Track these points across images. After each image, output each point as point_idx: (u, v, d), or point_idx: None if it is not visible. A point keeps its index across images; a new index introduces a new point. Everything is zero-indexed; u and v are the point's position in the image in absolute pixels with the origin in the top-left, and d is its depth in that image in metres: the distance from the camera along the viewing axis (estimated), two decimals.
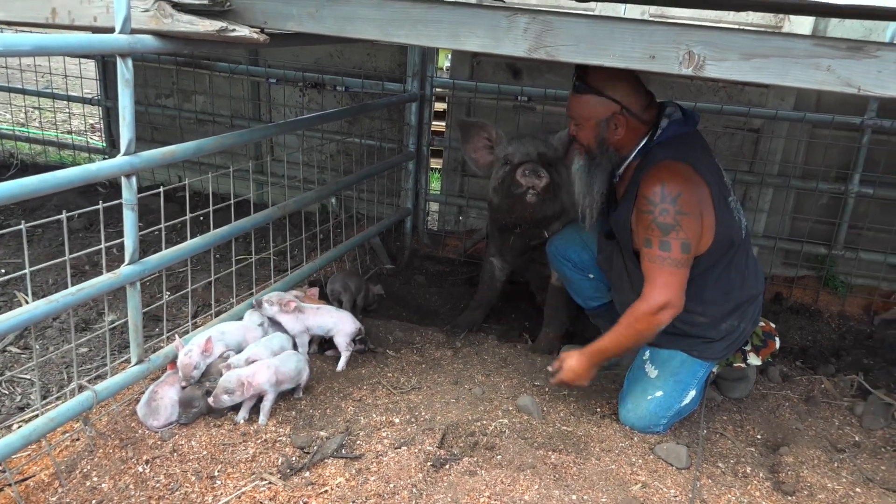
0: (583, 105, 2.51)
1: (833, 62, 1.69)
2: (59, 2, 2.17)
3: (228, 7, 2.11)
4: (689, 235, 2.35)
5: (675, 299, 2.41)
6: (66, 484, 2.07)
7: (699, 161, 2.43)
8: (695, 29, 1.78)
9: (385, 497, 2.06)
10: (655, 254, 2.40)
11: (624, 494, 2.23)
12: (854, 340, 3.75)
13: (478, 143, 3.27)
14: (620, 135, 2.50)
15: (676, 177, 2.35)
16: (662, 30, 1.79)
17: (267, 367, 2.39)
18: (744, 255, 2.65)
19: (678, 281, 2.40)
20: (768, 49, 1.72)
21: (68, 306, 2.00)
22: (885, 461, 2.66)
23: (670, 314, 2.42)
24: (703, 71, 1.78)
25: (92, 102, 5.35)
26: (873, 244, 3.96)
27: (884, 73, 1.67)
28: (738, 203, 2.63)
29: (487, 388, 2.80)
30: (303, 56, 4.60)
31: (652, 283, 2.43)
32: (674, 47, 1.79)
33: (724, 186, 2.53)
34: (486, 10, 1.92)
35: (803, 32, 3.67)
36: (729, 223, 2.50)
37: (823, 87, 1.72)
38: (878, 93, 1.69)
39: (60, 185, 1.91)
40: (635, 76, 2.48)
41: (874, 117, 3.65)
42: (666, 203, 2.32)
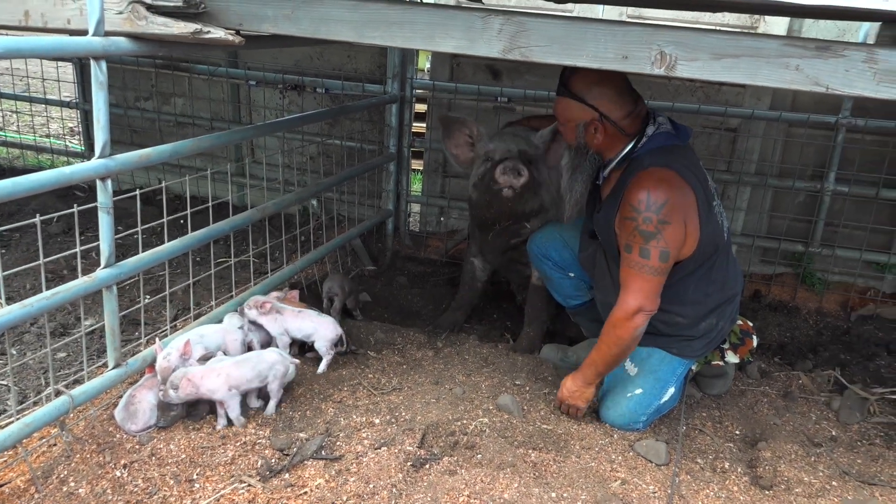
0: (563, 107, 2.55)
1: (802, 62, 1.72)
2: (32, 4, 2.16)
3: (203, 9, 2.10)
4: (669, 244, 2.37)
5: (647, 304, 2.44)
6: (43, 490, 2.05)
7: (685, 167, 2.45)
8: (666, 29, 1.80)
9: (365, 497, 2.06)
10: (634, 259, 2.42)
11: (603, 491, 2.25)
12: (831, 336, 3.80)
13: (459, 140, 3.28)
14: (599, 140, 2.52)
15: (662, 184, 2.37)
16: (635, 30, 1.81)
17: (217, 374, 2.34)
18: (725, 258, 2.68)
19: (653, 287, 2.43)
20: (738, 49, 1.75)
21: (43, 310, 1.99)
22: (860, 455, 2.70)
23: (644, 318, 2.45)
24: (675, 71, 1.80)
25: (70, 105, 5.30)
26: (849, 241, 4.01)
27: (851, 73, 1.69)
28: (721, 207, 2.66)
29: (468, 387, 2.81)
30: (283, 58, 4.59)
31: (626, 288, 2.46)
32: (646, 48, 1.81)
33: (710, 192, 2.55)
34: (461, 11, 1.93)
35: (778, 33, 3.72)
36: (713, 228, 2.53)
37: (793, 86, 1.74)
38: (846, 91, 1.72)
39: (34, 188, 1.89)
40: (622, 84, 2.49)
41: (848, 116, 3.70)
42: (650, 211, 2.34)
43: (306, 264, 3.46)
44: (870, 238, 3.92)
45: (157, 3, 2.05)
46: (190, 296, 2.80)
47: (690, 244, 2.47)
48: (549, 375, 3.05)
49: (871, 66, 1.67)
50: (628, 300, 2.44)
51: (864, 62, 1.67)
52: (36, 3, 2.14)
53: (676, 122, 2.57)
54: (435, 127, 4.44)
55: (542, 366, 3.11)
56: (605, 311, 2.86)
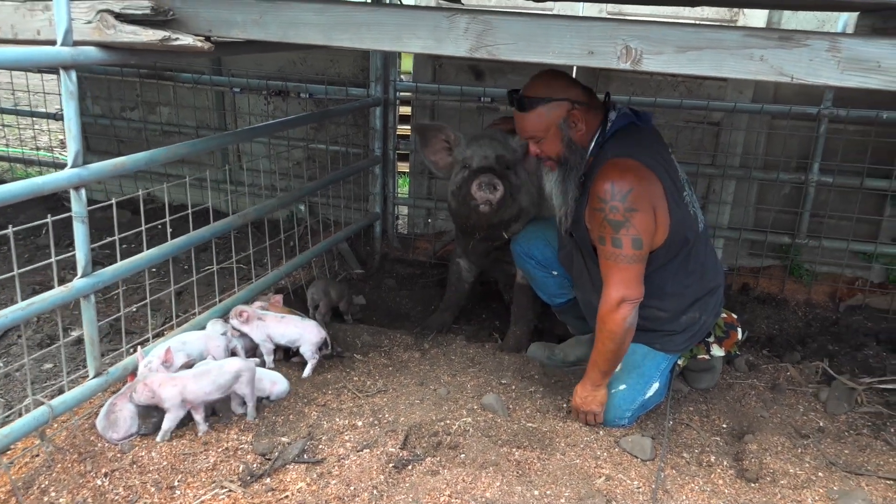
0: (537, 118, 2.50)
1: (766, 52, 1.72)
2: (2, 16, 2.16)
3: (172, 16, 2.10)
4: (639, 231, 2.37)
5: (630, 292, 2.43)
6: (24, 501, 2.05)
7: (650, 157, 2.46)
8: (631, 24, 1.80)
9: (345, 500, 2.06)
10: (609, 251, 2.43)
11: (587, 488, 2.25)
12: (820, 328, 3.80)
13: (436, 146, 3.27)
14: (582, 129, 2.52)
15: (626, 174, 2.37)
16: (599, 25, 1.81)
17: (174, 384, 2.31)
18: (702, 249, 2.68)
19: (632, 276, 2.42)
20: (702, 41, 1.75)
21: (17, 321, 1.99)
22: (847, 445, 2.70)
23: (629, 307, 2.44)
24: (641, 65, 1.80)
25: (56, 118, 5.30)
26: (835, 232, 4.01)
27: (815, 62, 1.70)
28: (693, 197, 2.66)
29: (453, 388, 2.81)
30: (266, 64, 4.59)
31: (607, 281, 2.46)
32: (611, 42, 1.81)
33: (678, 182, 2.55)
34: (427, 11, 1.93)
35: (757, 23, 3.72)
36: (683, 218, 2.53)
37: (758, 76, 1.74)
38: (811, 80, 1.72)
39: (6, 198, 1.90)
40: (567, 75, 2.53)
41: (830, 107, 3.71)
42: (615, 200, 2.34)
43: (292, 269, 3.46)
44: (856, 228, 3.92)
45: (126, 12, 2.05)
46: (172, 303, 2.80)
47: (661, 233, 2.47)
48: (536, 374, 3.05)
49: (834, 54, 1.68)
50: (610, 292, 2.44)
51: (828, 51, 1.68)
52: (5, 15, 2.15)
53: (638, 110, 2.60)
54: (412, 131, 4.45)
55: (528, 364, 3.11)
56: (587, 308, 2.87)
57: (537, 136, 2.52)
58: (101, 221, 3.22)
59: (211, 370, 2.36)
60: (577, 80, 2.59)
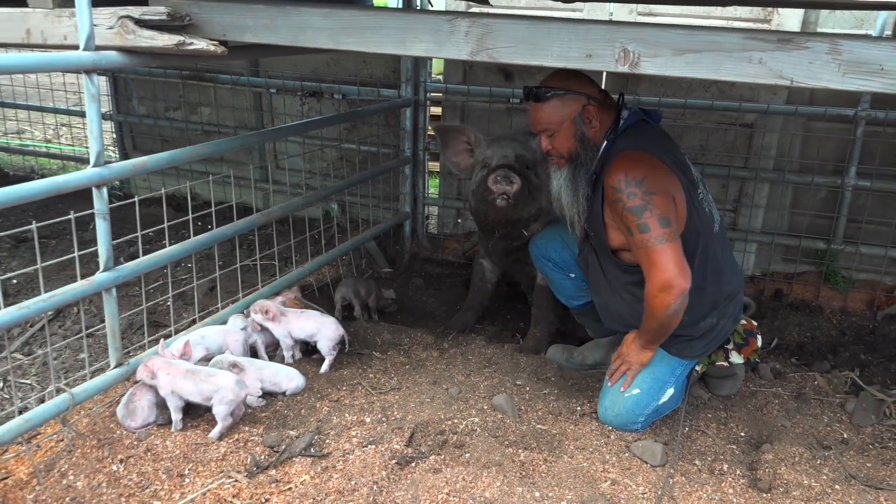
0: (553, 110, 2.52)
1: (764, 55, 1.69)
2: (32, 22, 2.28)
3: (189, 22, 2.18)
4: (663, 211, 2.33)
5: (672, 277, 2.34)
6: (44, 482, 2.16)
7: (662, 152, 2.45)
8: (628, 26, 1.79)
9: (345, 494, 2.11)
10: (637, 239, 2.38)
11: (591, 491, 2.24)
12: (854, 336, 3.68)
13: (458, 148, 3.30)
14: (596, 125, 2.52)
15: (638, 164, 2.37)
16: (597, 28, 1.81)
17: (167, 372, 2.37)
18: (719, 250, 2.64)
19: (670, 257, 2.34)
20: (699, 44, 1.73)
21: (40, 312, 2.09)
22: (871, 458, 2.62)
23: (676, 292, 2.36)
24: (639, 68, 1.79)
25: (105, 118, 5.50)
26: (874, 238, 3.88)
27: (815, 64, 1.66)
28: (708, 196, 2.62)
29: (466, 387, 2.83)
30: (301, 66, 4.69)
31: (647, 269, 2.41)
32: (609, 45, 1.80)
33: (692, 178, 2.53)
34: (429, 15, 1.96)
35: (792, 25, 3.63)
36: (698, 213, 2.50)
37: (757, 80, 1.72)
38: (812, 84, 1.68)
39: (29, 196, 2.00)
40: (584, 73, 2.50)
41: (868, 108, 3.59)
42: (632, 187, 2.33)
43: (317, 266, 3.54)
44: (895, 234, 3.78)
45: (145, 18, 2.14)
46: (195, 298, 2.89)
47: (680, 222, 2.43)
48: (553, 376, 3.05)
49: (834, 57, 1.64)
50: (652, 279, 2.39)
51: (828, 53, 1.64)
52: (36, 21, 2.26)
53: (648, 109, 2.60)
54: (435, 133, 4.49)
55: (545, 366, 3.11)
56: (603, 312, 2.85)
57: (551, 129, 2.53)
58: (146, 217, 3.35)
59: (200, 373, 2.39)
60: (594, 79, 2.58)
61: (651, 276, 2.38)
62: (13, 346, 3.29)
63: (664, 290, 2.35)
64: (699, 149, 4.03)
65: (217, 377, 2.38)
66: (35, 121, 6.11)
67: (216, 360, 2.62)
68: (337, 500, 2.08)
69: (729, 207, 4.12)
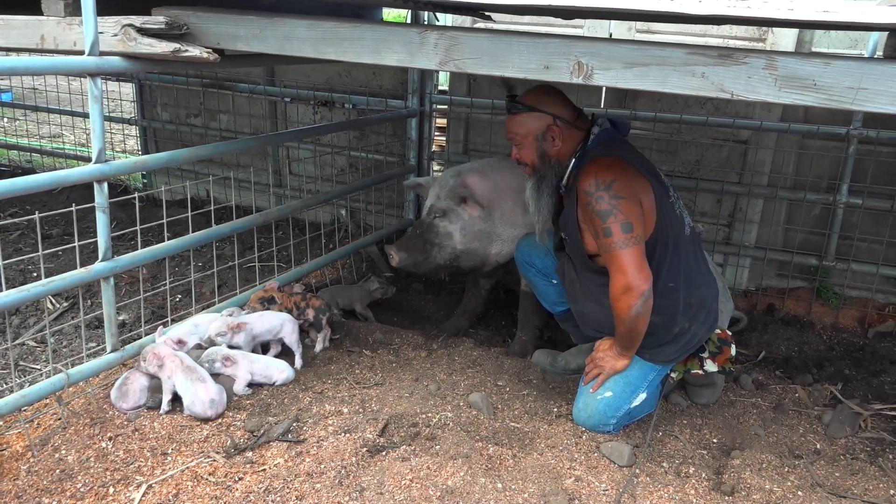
0: (520, 124, 2.68)
1: (706, 69, 1.79)
2: (46, 29, 2.47)
3: (186, 31, 2.35)
4: (628, 216, 2.43)
5: (632, 279, 2.44)
6: (38, 455, 2.32)
7: (632, 158, 2.57)
8: (582, 40, 1.91)
9: (314, 476, 2.23)
10: (603, 243, 2.50)
11: (553, 486, 2.33)
12: (842, 352, 3.71)
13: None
14: (558, 145, 2.65)
15: (610, 167, 2.48)
16: (554, 42, 1.92)
17: (173, 361, 2.56)
18: (690, 255, 2.72)
19: (631, 260, 2.44)
20: (647, 58, 1.84)
21: (39, 295, 2.26)
22: (839, 468, 2.66)
23: (634, 297, 2.46)
24: (592, 80, 1.90)
25: (131, 122, 5.77)
26: (866, 255, 3.91)
27: (753, 79, 1.76)
28: (679, 201, 2.72)
29: (446, 385, 2.93)
30: (314, 76, 4.88)
31: (610, 272, 2.51)
32: (565, 58, 1.92)
33: (662, 183, 2.63)
34: (402, 27, 2.10)
35: (786, 43, 3.70)
36: (669, 215, 2.59)
37: (700, 92, 1.81)
38: (751, 97, 1.78)
39: (30, 188, 2.18)
40: (563, 94, 2.68)
41: (860, 127, 3.63)
42: (600, 191, 2.44)
43: (314, 268, 3.69)
44: (888, 252, 3.80)
45: (146, 26, 2.31)
46: (192, 291, 3.06)
47: (649, 223, 2.52)
48: (535, 379, 3.14)
49: (771, 72, 1.73)
50: (614, 282, 2.49)
51: (765, 69, 1.73)
52: (49, 28, 2.44)
53: (615, 120, 2.69)
54: (452, 140, 4.63)
55: (529, 369, 3.20)
56: (581, 320, 2.95)
57: (517, 141, 2.69)
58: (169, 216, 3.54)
59: (197, 371, 2.57)
60: (571, 102, 2.71)
61: (613, 279, 2.49)
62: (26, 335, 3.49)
63: (625, 293, 2.45)
64: (694, 164, 4.10)
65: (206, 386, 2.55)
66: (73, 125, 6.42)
67: (209, 353, 2.76)
68: (305, 482, 2.21)
69: (723, 222, 4.18)
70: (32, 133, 6.86)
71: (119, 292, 3.80)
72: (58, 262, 4.20)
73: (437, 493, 2.19)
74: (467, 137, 4.64)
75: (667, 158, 4.14)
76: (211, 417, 2.50)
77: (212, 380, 2.59)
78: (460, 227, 3.29)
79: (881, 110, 1.65)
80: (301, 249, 3.97)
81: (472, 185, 3.26)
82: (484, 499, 2.20)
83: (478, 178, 3.29)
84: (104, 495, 2.14)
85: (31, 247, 4.48)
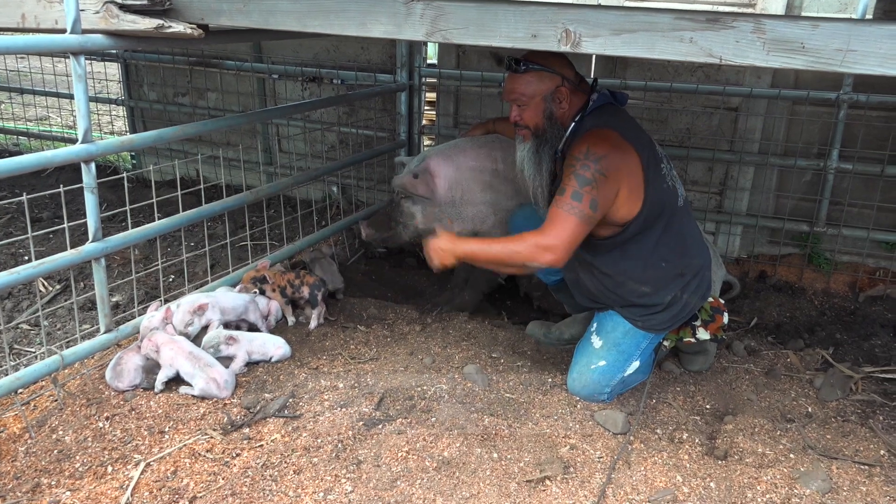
0: (527, 83, 2.60)
1: (694, 34, 1.78)
2: (27, 8, 2.43)
3: (169, 6, 2.32)
4: (601, 196, 2.41)
5: (561, 248, 2.41)
6: (35, 437, 2.33)
7: (627, 129, 2.54)
8: (570, 7, 1.89)
9: (311, 450, 2.25)
10: (566, 200, 2.44)
11: (549, 454, 2.35)
12: (833, 317, 3.74)
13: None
14: (565, 108, 2.61)
15: (603, 142, 2.46)
16: (541, 10, 1.90)
17: (171, 348, 2.57)
18: (682, 224, 2.72)
19: (574, 234, 2.42)
20: (634, 24, 1.82)
21: (30, 278, 2.26)
22: (831, 431, 2.69)
23: (550, 259, 2.42)
24: (580, 47, 1.89)
25: (117, 103, 5.72)
26: (857, 220, 3.92)
27: (741, 43, 1.75)
28: (672, 171, 2.70)
29: (441, 358, 2.95)
30: (302, 52, 4.83)
31: (551, 223, 2.44)
32: (552, 26, 1.90)
33: (656, 155, 2.62)
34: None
35: (777, 6, 3.67)
36: (660, 187, 2.58)
37: (688, 58, 1.80)
38: (739, 62, 1.77)
39: (16, 169, 2.16)
40: (565, 56, 2.62)
41: (849, 91, 3.63)
42: (589, 160, 2.42)
43: (307, 244, 3.67)
44: (879, 217, 3.82)
45: (128, 3, 2.28)
46: (185, 270, 3.05)
47: (635, 202, 2.51)
48: (529, 350, 3.16)
49: (759, 35, 1.72)
50: (548, 235, 2.43)
51: (753, 32, 1.72)
52: (30, 6, 2.41)
53: (614, 91, 2.67)
54: (442, 114, 4.60)
55: (523, 341, 3.22)
56: (574, 289, 2.95)
57: (522, 101, 2.62)
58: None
59: (202, 357, 2.58)
60: (571, 62, 2.68)
61: (546, 233, 2.41)
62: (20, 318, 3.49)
63: (546, 251, 2.41)
64: (685, 132, 4.09)
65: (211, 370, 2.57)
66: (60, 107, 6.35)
67: (212, 336, 2.76)
68: (303, 456, 2.23)
69: (714, 190, 4.18)
70: (18, 116, 6.79)
71: (112, 273, 3.80)
72: (49, 245, 4.19)
73: (434, 465, 2.22)
74: (457, 111, 4.61)
75: (657, 127, 4.13)
76: (226, 398, 2.52)
77: (218, 362, 2.60)
78: (421, 209, 3.34)
79: (869, 72, 1.65)
80: (293, 227, 3.97)
81: (433, 169, 3.30)
82: (480, 469, 2.23)
83: (441, 161, 3.34)
84: (103, 474, 2.16)
85: (21, 230, 4.46)
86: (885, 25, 1.64)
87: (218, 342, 2.71)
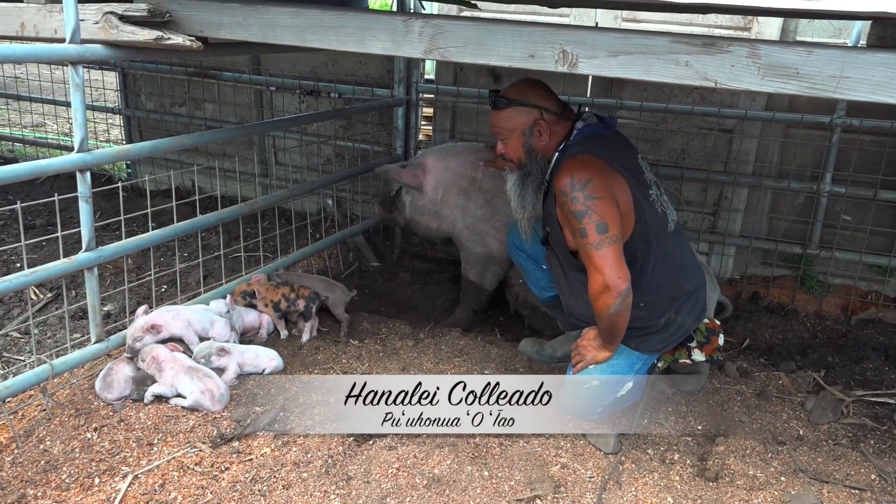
0: (506, 118, 2.62)
1: (690, 58, 1.80)
2: (27, 17, 2.44)
3: (169, 18, 2.33)
4: (602, 217, 2.41)
5: (610, 280, 2.43)
6: (22, 447, 2.30)
7: (610, 156, 2.53)
8: (567, 29, 1.91)
9: (301, 465, 2.24)
10: (579, 243, 2.49)
11: (539, 473, 2.34)
12: (825, 339, 3.75)
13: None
14: (545, 140, 2.62)
15: (585, 166, 2.45)
16: (539, 31, 1.92)
17: (172, 367, 2.57)
18: (675, 249, 2.73)
19: (607, 261, 2.43)
20: (631, 47, 1.84)
21: (23, 286, 2.25)
22: (822, 454, 2.69)
23: (614, 294, 2.44)
24: (577, 68, 1.90)
25: (114, 111, 5.72)
26: (849, 243, 3.94)
27: (736, 68, 1.76)
28: (663, 197, 2.71)
29: (433, 375, 2.94)
30: (300, 65, 4.84)
31: (588, 271, 2.50)
32: (549, 47, 1.92)
33: (643, 180, 2.62)
34: (386, 15, 2.08)
35: (771, 32, 3.71)
36: (649, 214, 2.58)
37: (684, 81, 1.82)
38: (734, 86, 1.79)
39: (11, 177, 2.15)
40: (546, 86, 2.66)
41: (843, 116, 3.66)
42: (575, 191, 2.42)
43: (301, 257, 3.67)
44: (871, 240, 3.84)
45: (128, 14, 2.29)
46: (178, 281, 3.04)
47: (628, 224, 2.51)
48: (521, 367, 3.15)
49: (754, 60, 1.74)
50: (592, 282, 2.48)
51: (748, 57, 1.74)
52: (29, 16, 2.42)
53: (602, 115, 2.67)
54: (439, 129, 4.62)
55: (515, 358, 3.21)
56: (568, 310, 2.95)
57: (502, 136, 2.64)
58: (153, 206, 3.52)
59: (200, 371, 2.58)
60: (555, 95, 2.69)
61: (591, 279, 2.47)
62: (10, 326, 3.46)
63: (603, 292, 2.44)
64: (680, 153, 4.12)
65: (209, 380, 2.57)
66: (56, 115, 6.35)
67: (203, 346, 2.75)
68: (292, 471, 2.21)
69: (708, 211, 4.20)
70: (14, 122, 6.78)
71: (104, 283, 3.78)
72: (41, 253, 4.17)
73: (424, 482, 2.21)
74: (454, 126, 4.63)
75: (652, 147, 4.15)
76: (220, 411, 2.51)
77: (217, 375, 2.60)
78: (410, 200, 3.63)
79: (862, 98, 1.67)
80: (287, 239, 3.96)
81: (428, 164, 3.54)
82: (470, 486, 2.22)
83: (436, 159, 3.58)
84: (90, 486, 2.14)
85: (14, 237, 4.45)
86: (877, 53, 1.66)
87: (209, 353, 2.70)
